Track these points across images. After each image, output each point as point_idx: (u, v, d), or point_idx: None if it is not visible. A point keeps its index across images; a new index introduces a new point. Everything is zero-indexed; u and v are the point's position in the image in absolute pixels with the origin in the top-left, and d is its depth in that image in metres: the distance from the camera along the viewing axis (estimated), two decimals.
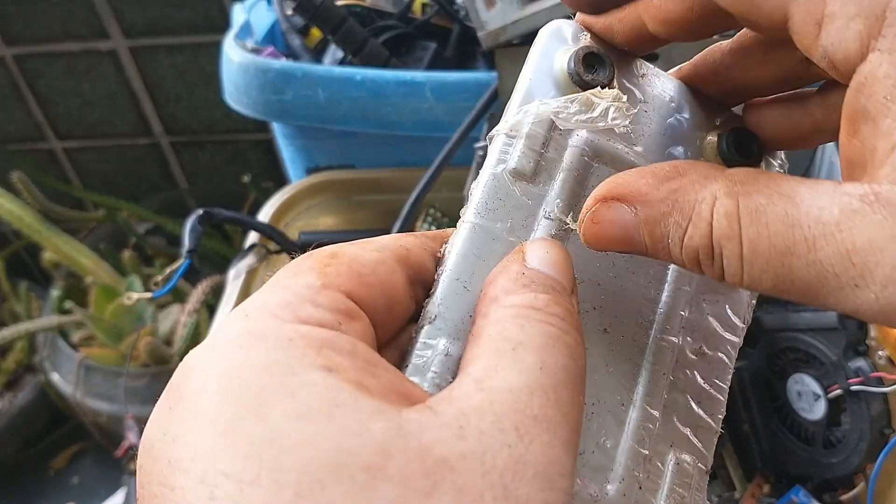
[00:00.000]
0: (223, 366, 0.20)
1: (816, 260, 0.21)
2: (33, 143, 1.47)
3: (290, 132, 0.78)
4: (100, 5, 1.27)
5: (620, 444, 0.26)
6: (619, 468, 0.25)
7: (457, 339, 0.24)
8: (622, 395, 0.26)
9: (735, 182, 0.22)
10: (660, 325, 0.27)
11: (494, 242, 0.26)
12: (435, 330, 0.24)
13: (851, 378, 0.50)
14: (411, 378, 0.23)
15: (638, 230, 0.24)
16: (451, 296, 0.25)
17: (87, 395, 1.21)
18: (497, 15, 0.60)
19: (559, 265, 0.24)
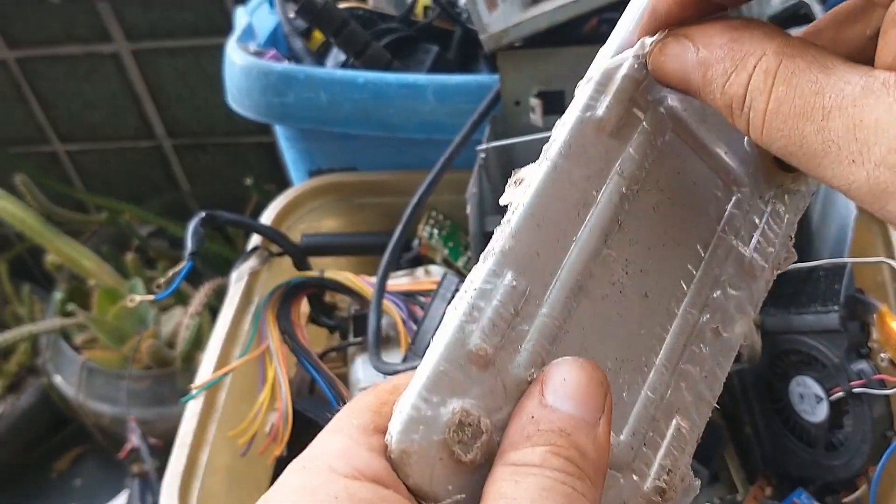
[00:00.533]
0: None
1: (826, 128, 0.22)
2: (35, 146, 1.47)
3: (292, 135, 0.78)
4: (102, 8, 1.27)
5: (637, 401, 0.27)
6: (633, 422, 0.27)
7: (522, 273, 0.25)
8: (647, 357, 0.28)
9: (787, 45, 0.24)
10: (690, 298, 0.29)
11: (571, 187, 0.26)
12: (504, 260, 0.25)
13: (853, 380, 0.50)
14: (478, 302, 0.24)
15: (695, 69, 0.25)
16: (524, 231, 0.26)
17: (89, 397, 1.21)
18: (499, 17, 0.61)
19: (579, 392, 0.24)
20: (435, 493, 0.23)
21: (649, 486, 0.27)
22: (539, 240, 0.26)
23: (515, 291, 0.25)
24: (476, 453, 0.23)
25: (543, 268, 0.26)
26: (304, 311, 0.65)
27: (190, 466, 0.54)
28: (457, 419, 0.23)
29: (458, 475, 0.23)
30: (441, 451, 0.23)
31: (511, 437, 0.24)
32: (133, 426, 1.02)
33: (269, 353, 0.58)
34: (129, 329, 1.24)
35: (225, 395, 0.59)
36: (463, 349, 0.24)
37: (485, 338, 0.24)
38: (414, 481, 0.23)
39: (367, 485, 0.22)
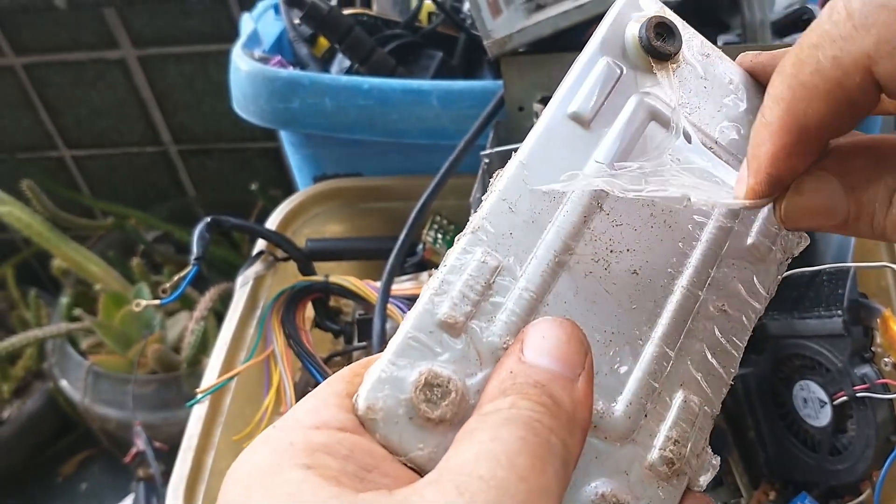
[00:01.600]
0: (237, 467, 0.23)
1: None
2: (42, 152, 1.48)
3: (297, 140, 0.79)
4: (109, 15, 1.28)
5: (633, 373, 0.28)
6: (629, 394, 0.27)
7: (495, 250, 0.27)
8: (641, 331, 0.28)
9: None
10: (687, 278, 0.29)
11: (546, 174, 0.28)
12: (476, 239, 0.27)
13: (857, 385, 0.50)
14: (448, 276, 0.26)
15: (843, 198, 0.24)
16: (496, 213, 0.27)
17: (95, 401, 1.21)
18: (503, 23, 0.61)
19: (557, 349, 0.24)
20: (404, 450, 0.24)
21: (655, 457, 0.27)
22: (512, 221, 0.27)
23: (486, 266, 0.26)
24: (444, 412, 0.24)
25: (518, 246, 0.27)
26: (309, 315, 0.65)
27: (195, 470, 0.55)
28: (423, 379, 0.24)
29: (430, 434, 0.24)
30: (408, 409, 0.24)
31: (488, 392, 0.24)
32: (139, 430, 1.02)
33: (274, 357, 0.58)
34: (135, 334, 1.24)
35: (230, 399, 0.59)
36: (432, 318, 0.25)
37: (454, 307, 0.26)
38: (381, 436, 0.24)
39: (327, 431, 0.23)
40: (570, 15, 0.58)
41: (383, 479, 0.22)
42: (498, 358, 0.25)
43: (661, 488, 0.27)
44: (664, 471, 0.27)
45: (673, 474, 0.27)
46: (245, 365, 0.59)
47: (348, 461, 0.22)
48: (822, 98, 0.22)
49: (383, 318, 0.57)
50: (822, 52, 0.22)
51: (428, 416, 0.24)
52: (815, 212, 0.25)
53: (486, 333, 0.26)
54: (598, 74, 0.30)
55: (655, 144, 0.30)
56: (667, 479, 0.27)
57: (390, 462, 0.23)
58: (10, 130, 1.45)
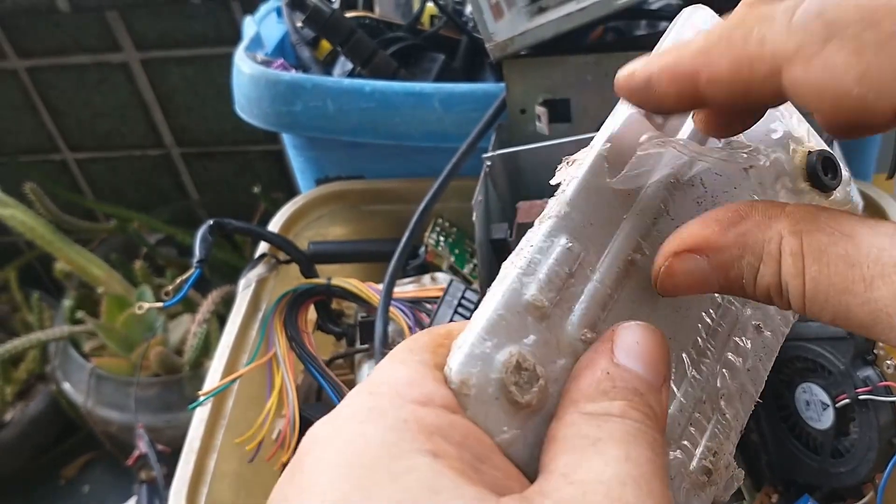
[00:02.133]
0: (341, 440, 0.22)
1: (872, 299, 0.21)
2: (45, 155, 1.48)
3: (299, 143, 0.79)
4: (111, 18, 1.28)
5: (683, 381, 0.28)
6: (679, 401, 0.27)
7: (577, 239, 0.26)
8: (692, 338, 0.28)
9: (797, 220, 0.23)
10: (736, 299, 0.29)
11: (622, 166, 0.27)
12: (561, 225, 0.26)
13: (859, 387, 0.50)
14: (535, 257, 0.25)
15: (712, 276, 0.25)
16: (578, 200, 0.27)
17: (98, 404, 1.22)
18: (505, 26, 0.61)
19: (649, 356, 0.24)
20: (491, 431, 0.23)
21: (696, 466, 0.27)
22: (592, 211, 0.27)
23: (571, 254, 0.26)
24: (532, 397, 0.24)
25: (596, 237, 0.27)
26: (312, 318, 0.65)
27: (198, 473, 0.55)
28: (514, 360, 0.24)
29: (514, 418, 0.24)
30: (498, 389, 0.23)
31: (584, 389, 0.24)
32: (141, 433, 1.02)
33: (277, 359, 0.59)
34: (138, 336, 1.25)
35: (232, 401, 0.59)
36: (520, 298, 0.25)
37: (542, 290, 0.25)
38: (472, 413, 0.23)
39: (435, 410, 0.22)
40: (573, 18, 0.58)
41: (496, 473, 0.22)
42: (574, 350, 0.25)
43: (697, 497, 0.27)
44: (703, 480, 0.27)
45: (709, 484, 0.27)
46: (247, 367, 0.59)
47: (464, 449, 0.22)
48: (730, 62, 0.23)
49: (385, 320, 0.57)
50: (758, 27, 0.22)
51: (516, 400, 0.23)
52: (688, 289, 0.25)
53: (566, 322, 0.25)
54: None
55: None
56: (703, 489, 0.27)
57: (495, 452, 0.23)
58: (13, 133, 1.45)
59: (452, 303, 0.58)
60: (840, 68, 0.21)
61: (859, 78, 0.20)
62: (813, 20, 0.21)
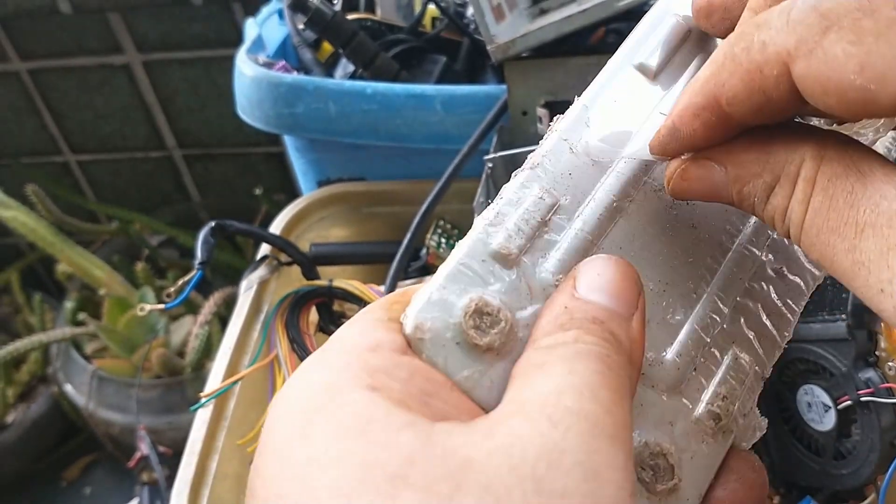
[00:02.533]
0: (291, 393, 0.22)
1: (857, 248, 0.20)
2: (47, 157, 1.48)
3: (301, 145, 0.79)
4: (113, 20, 1.28)
5: (685, 325, 0.27)
6: (678, 345, 0.27)
7: (553, 189, 0.26)
8: (695, 284, 0.28)
9: (825, 145, 0.22)
10: (746, 237, 0.29)
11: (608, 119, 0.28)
12: (534, 175, 0.26)
13: (861, 389, 0.50)
14: (504, 208, 0.25)
15: (726, 188, 0.24)
16: (556, 152, 0.27)
17: (99, 406, 1.22)
18: (506, 28, 0.61)
19: (613, 286, 0.24)
20: (449, 372, 0.23)
21: (702, 411, 0.26)
22: (572, 162, 0.27)
23: (543, 203, 0.26)
24: (493, 339, 0.24)
25: (577, 186, 0.27)
26: (313, 319, 0.65)
27: (199, 474, 0.55)
28: (473, 305, 0.24)
29: (476, 360, 0.23)
30: (457, 333, 0.23)
31: (542, 326, 0.23)
32: (143, 434, 1.02)
33: (279, 361, 0.59)
34: (139, 338, 1.25)
35: (234, 403, 0.59)
36: (485, 247, 0.25)
37: (509, 238, 0.25)
38: (427, 356, 0.23)
39: (383, 352, 0.22)
40: (574, 20, 0.58)
41: (445, 406, 0.22)
42: (549, 295, 0.25)
43: (706, 443, 0.26)
44: (710, 426, 0.26)
45: (719, 430, 0.26)
46: (249, 369, 0.59)
47: (410, 384, 0.22)
48: (741, 76, 0.22)
49: None
50: (758, 34, 0.22)
51: (475, 343, 0.23)
52: (699, 195, 0.25)
53: (538, 269, 0.25)
54: (667, 30, 0.29)
55: None
56: (712, 435, 0.26)
57: (449, 389, 0.22)
58: (15, 135, 1.45)
59: None
60: (840, 59, 0.20)
61: (860, 68, 0.20)
62: (809, 13, 0.21)
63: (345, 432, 0.20)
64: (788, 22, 0.21)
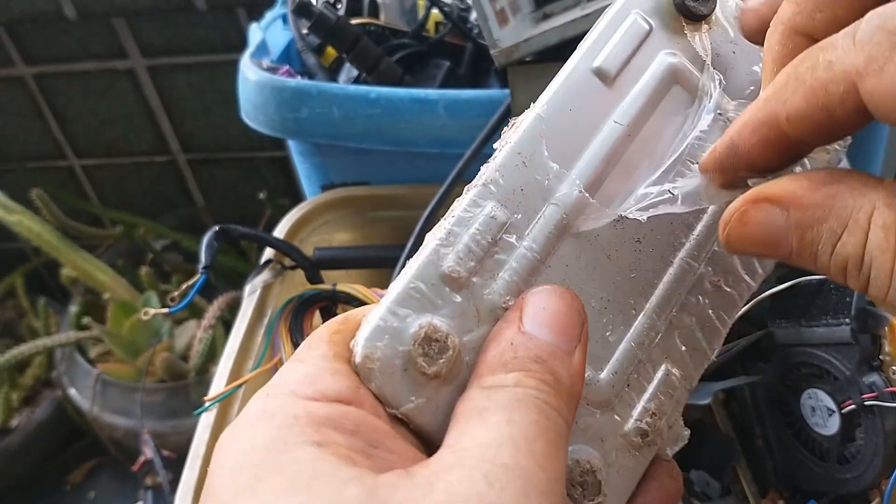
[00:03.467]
0: (236, 443, 0.22)
1: None
2: (52, 161, 1.49)
3: (305, 149, 0.79)
4: (118, 25, 1.29)
5: (622, 342, 0.27)
6: (614, 363, 0.27)
7: (504, 206, 0.26)
8: (635, 300, 0.28)
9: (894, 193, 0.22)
10: (688, 250, 0.29)
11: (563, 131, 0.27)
12: (487, 192, 0.26)
13: (865, 393, 0.50)
14: (455, 228, 0.25)
15: (787, 234, 0.23)
16: (510, 166, 0.27)
17: (103, 410, 1.22)
18: (510, 33, 0.61)
19: (557, 321, 0.24)
20: (397, 402, 0.23)
21: (631, 427, 0.27)
22: (524, 177, 0.26)
23: (495, 222, 0.26)
24: (441, 368, 0.24)
25: (528, 203, 0.26)
26: (317, 323, 0.65)
27: (203, 478, 0.55)
28: (423, 333, 0.24)
29: (423, 388, 0.24)
30: (405, 361, 0.24)
31: (488, 361, 0.24)
32: (147, 438, 1.02)
33: (282, 365, 0.59)
34: (144, 342, 1.25)
35: (238, 407, 0.59)
36: (436, 270, 0.25)
37: (459, 261, 0.25)
38: (376, 386, 0.23)
39: (328, 403, 0.22)
40: (577, 24, 0.58)
41: (389, 456, 0.22)
42: (496, 317, 0.25)
43: (633, 456, 0.27)
44: (637, 441, 0.27)
45: (645, 444, 0.27)
46: (253, 373, 0.59)
47: (355, 437, 0.22)
48: (804, 94, 0.22)
49: None
50: (823, 55, 0.22)
51: (424, 371, 0.24)
52: (757, 243, 0.24)
53: (486, 291, 0.25)
54: (626, 29, 0.29)
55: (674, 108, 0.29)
56: (639, 449, 0.27)
57: (393, 437, 0.23)
58: (20, 140, 1.46)
59: None
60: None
61: None
62: (877, 32, 0.21)
63: (292, 488, 0.20)
64: (856, 42, 0.21)
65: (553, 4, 0.63)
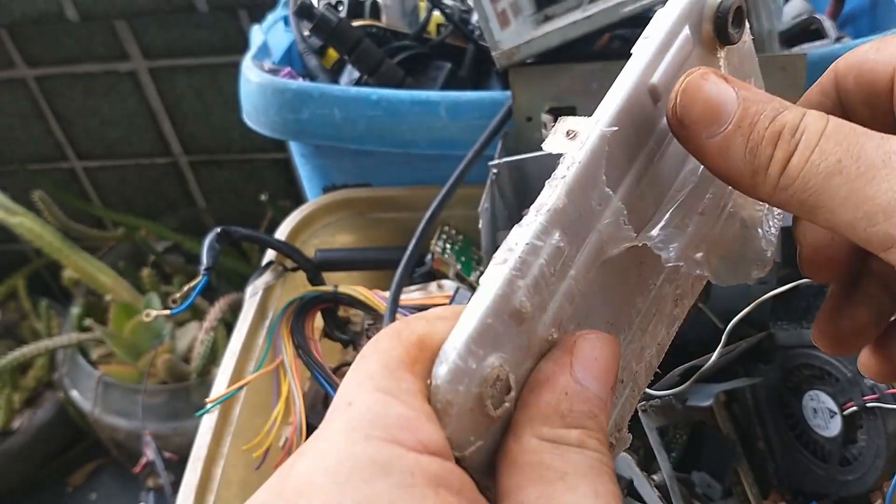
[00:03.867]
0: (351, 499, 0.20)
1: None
2: (54, 163, 1.49)
3: (306, 151, 0.79)
4: (119, 27, 1.29)
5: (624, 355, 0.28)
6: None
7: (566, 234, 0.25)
8: (628, 324, 0.29)
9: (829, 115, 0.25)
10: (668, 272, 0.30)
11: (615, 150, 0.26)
12: (556, 218, 0.24)
13: (867, 394, 0.50)
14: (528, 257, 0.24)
15: (734, 103, 0.25)
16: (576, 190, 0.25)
17: (105, 411, 1.22)
18: (511, 35, 0.61)
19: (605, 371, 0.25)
20: (462, 445, 0.23)
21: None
22: (585, 202, 0.25)
23: (560, 252, 0.25)
24: (505, 410, 0.23)
25: (580, 230, 0.25)
26: (319, 325, 0.65)
27: (205, 480, 0.55)
28: (494, 374, 0.23)
29: (481, 427, 0.23)
30: (475, 403, 0.23)
31: (542, 408, 0.24)
32: (148, 440, 1.02)
33: (284, 367, 0.59)
34: (145, 344, 1.25)
35: (239, 409, 0.59)
36: (508, 304, 0.23)
37: (529, 295, 0.24)
38: (450, 430, 0.22)
39: (435, 459, 0.22)
40: (578, 26, 0.58)
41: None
42: (542, 350, 0.25)
43: None
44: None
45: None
46: (254, 375, 0.59)
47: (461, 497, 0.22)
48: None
49: None
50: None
51: (489, 413, 0.23)
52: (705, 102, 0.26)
53: (539, 324, 0.24)
54: (680, 45, 0.28)
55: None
56: None
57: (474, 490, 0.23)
58: (22, 142, 1.46)
59: None
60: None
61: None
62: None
63: None
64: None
65: (554, 6, 0.63)
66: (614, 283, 0.28)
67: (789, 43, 0.73)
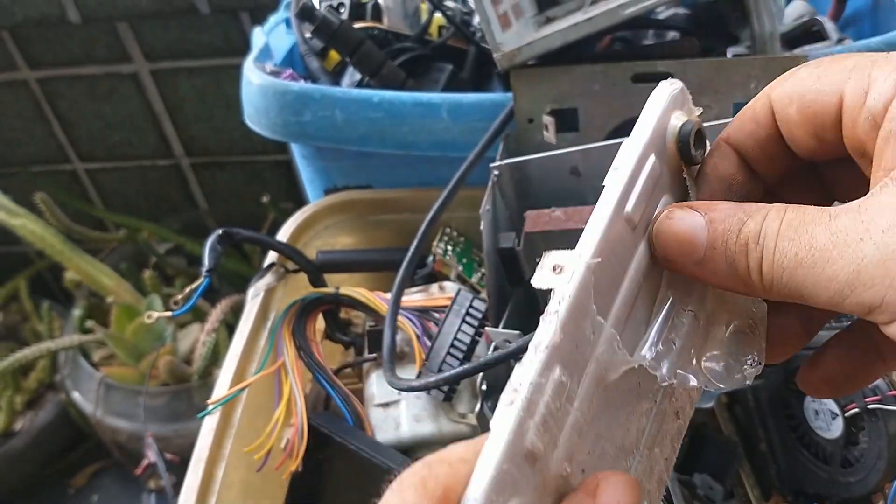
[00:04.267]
0: None
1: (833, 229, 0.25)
2: (56, 165, 1.49)
3: (308, 153, 0.79)
4: (121, 29, 1.29)
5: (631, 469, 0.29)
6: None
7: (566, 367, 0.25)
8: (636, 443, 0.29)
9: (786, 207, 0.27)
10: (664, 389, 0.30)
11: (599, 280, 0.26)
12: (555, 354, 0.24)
13: (868, 396, 0.50)
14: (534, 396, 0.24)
15: (703, 229, 0.28)
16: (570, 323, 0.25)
17: (107, 413, 1.22)
18: (512, 36, 0.61)
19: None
20: None
21: None
22: (578, 332, 0.26)
23: (563, 387, 0.25)
24: None
25: (578, 361, 0.26)
26: (320, 327, 0.65)
27: (206, 482, 0.55)
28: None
29: None
30: None
31: None
32: (150, 442, 1.02)
33: (285, 368, 0.59)
34: (147, 345, 1.25)
35: (241, 410, 0.59)
36: (521, 446, 0.23)
37: (539, 434, 0.24)
38: None
39: None
40: (580, 28, 0.58)
41: None
42: (557, 486, 0.25)
43: None
44: None
45: None
46: (256, 376, 0.59)
47: None
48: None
49: (393, 329, 0.57)
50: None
51: None
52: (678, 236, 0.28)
53: (551, 460, 0.25)
54: (648, 173, 0.29)
55: None
56: None
57: None
58: (24, 143, 1.46)
59: (460, 312, 0.58)
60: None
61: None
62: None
63: None
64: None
65: (556, 8, 0.63)
66: (617, 406, 0.28)
67: (791, 45, 0.73)
